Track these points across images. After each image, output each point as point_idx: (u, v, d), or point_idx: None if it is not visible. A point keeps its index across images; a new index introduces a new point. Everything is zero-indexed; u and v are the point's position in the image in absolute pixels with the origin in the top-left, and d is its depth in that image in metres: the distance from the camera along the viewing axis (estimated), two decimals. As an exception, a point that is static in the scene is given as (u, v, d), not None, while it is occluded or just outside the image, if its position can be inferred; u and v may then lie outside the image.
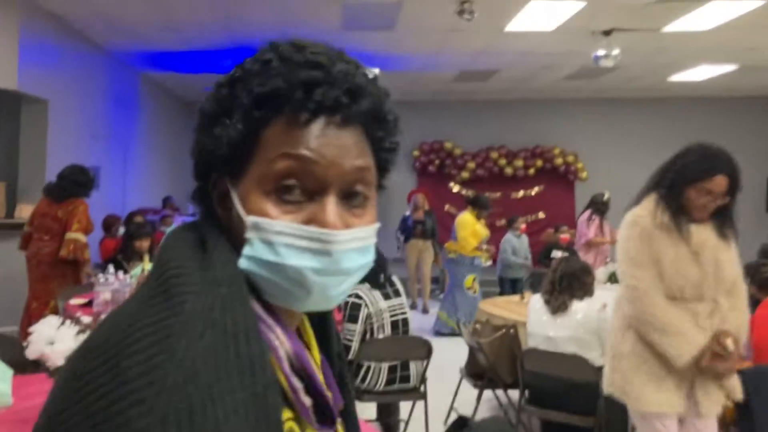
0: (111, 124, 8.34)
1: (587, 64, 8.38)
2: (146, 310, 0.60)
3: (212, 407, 0.55)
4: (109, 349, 0.57)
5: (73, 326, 1.97)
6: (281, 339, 0.68)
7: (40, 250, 5.17)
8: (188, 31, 7.33)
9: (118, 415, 0.53)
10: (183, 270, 0.63)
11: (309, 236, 0.66)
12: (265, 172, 0.67)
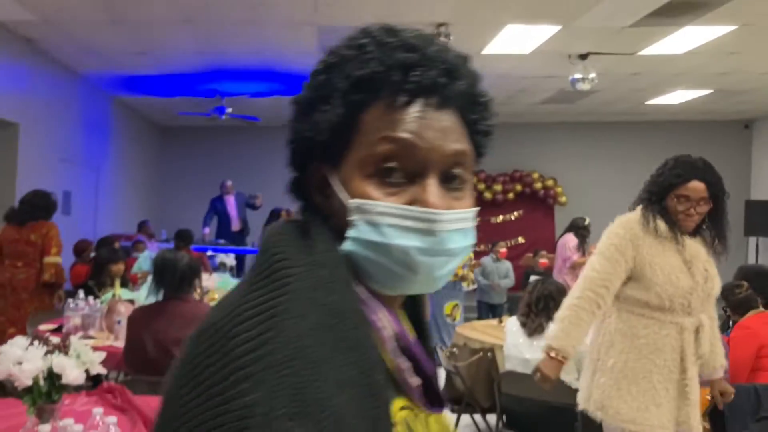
0: (82, 149, 8.22)
1: (564, 87, 8.44)
2: (251, 293, 0.62)
3: (319, 383, 0.56)
4: (217, 331, 0.60)
5: (41, 347, 1.93)
6: (385, 320, 0.68)
7: (14, 277, 5.05)
8: (162, 54, 7.27)
9: (228, 390, 0.55)
10: (286, 255, 0.65)
11: (414, 216, 0.67)
12: (365, 156, 0.68)
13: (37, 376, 1.96)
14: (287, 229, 0.70)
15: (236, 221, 9.84)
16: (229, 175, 10.42)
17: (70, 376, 1.98)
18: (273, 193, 10.63)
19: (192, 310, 3.08)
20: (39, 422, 1.94)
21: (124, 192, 9.97)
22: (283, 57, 7.33)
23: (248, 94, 8.95)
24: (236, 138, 11.64)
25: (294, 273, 0.62)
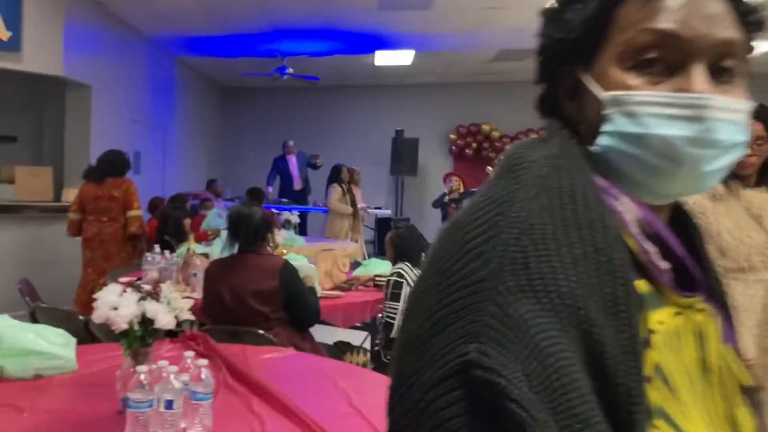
0: (150, 109, 8.45)
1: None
2: (489, 189, 0.64)
3: (547, 257, 0.56)
4: (454, 224, 0.63)
5: (134, 293, 2.05)
6: (628, 205, 0.65)
7: (102, 231, 5.41)
8: (225, 15, 7.36)
9: (462, 269, 0.58)
10: (521, 154, 0.65)
11: (678, 102, 0.62)
12: (623, 50, 0.65)
13: (131, 321, 2.10)
14: (529, 139, 0.70)
15: (298, 180, 10.00)
16: (289, 134, 10.57)
17: (162, 321, 2.10)
18: (333, 152, 10.75)
19: (266, 262, 3.20)
20: (135, 364, 2.07)
21: (190, 151, 10.24)
22: (343, 15, 7.32)
23: (309, 54, 9.00)
24: (297, 98, 11.76)
25: (527, 165, 0.63)
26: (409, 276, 3.78)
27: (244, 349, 2.71)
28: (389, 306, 3.77)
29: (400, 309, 3.74)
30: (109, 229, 5.41)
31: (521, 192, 0.61)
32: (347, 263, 4.54)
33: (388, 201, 11.50)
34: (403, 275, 3.77)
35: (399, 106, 11.77)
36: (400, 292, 3.75)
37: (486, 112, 11.67)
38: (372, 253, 10.19)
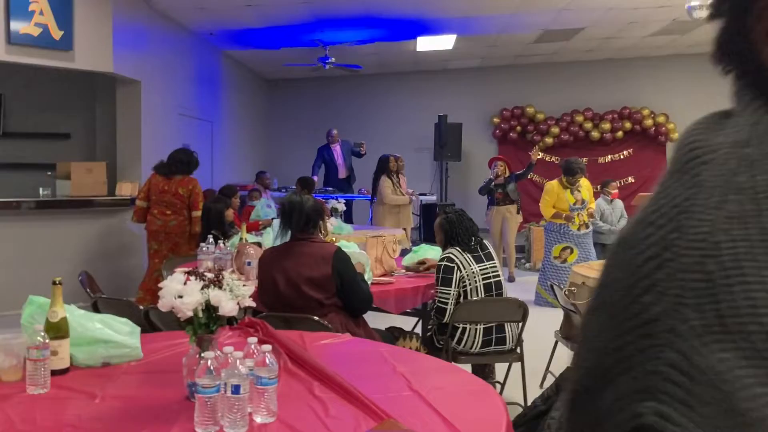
0: (197, 103, 8.58)
1: (678, 17, 7.97)
2: (660, 192, 0.52)
3: (743, 286, 0.44)
4: (625, 240, 0.52)
5: (198, 281, 2.10)
6: None
7: (167, 224, 5.81)
8: (267, 6, 7.42)
9: (631, 304, 0.48)
10: (699, 142, 0.52)
11: None
12: None
13: (196, 308, 2.15)
14: (707, 116, 0.56)
15: (342, 169, 10.06)
16: (333, 123, 10.62)
17: (225, 308, 2.14)
18: (376, 140, 10.77)
19: (319, 250, 3.23)
20: (200, 350, 2.12)
21: (236, 143, 10.38)
22: (384, 2, 7.30)
23: (350, 42, 9.01)
24: (339, 87, 11.80)
25: (708, 159, 0.50)
26: (459, 260, 3.77)
27: (302, 335, 2.75)
28: (441, 291, 3.77)
29: (452, 294, 3.73)
30: (174, 222, 5.80)
31: (701, 197, 0.48)
32: (397, 249, 4.56)
33: (433, 187, 11.46)
34: (454, 260, 3.77)
35: (441, 92, 11.71)
36: (451, 277, 3.74)
37: (529, 94, 11.53)
38: (418, 240, 10.19)
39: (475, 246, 3.86)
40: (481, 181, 9.09)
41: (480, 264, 3.80)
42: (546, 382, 4.40)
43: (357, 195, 9.77)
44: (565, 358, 4.38)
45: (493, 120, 11.67)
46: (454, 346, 3.74)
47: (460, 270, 3.74)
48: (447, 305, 3.73)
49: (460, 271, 3.74)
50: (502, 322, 3.76)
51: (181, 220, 5.83)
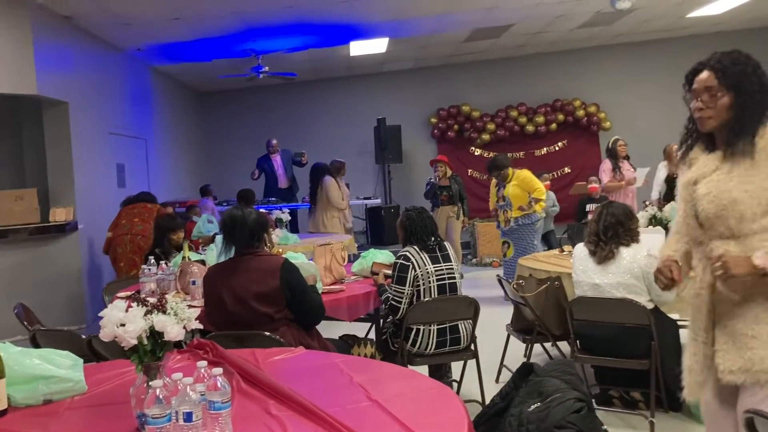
0: (129, 121, 8.36)
1: (602, 9, 8.19)
2: None
3: None
4: None
5: (141, 307, 2.02)
6: None
7: (134, 227, 6.11)
8: (195, 19, 7.28)
9: None
10: None
11: None
12: None
13: (140, 336, 2.07)
14: None
15: (283, 179, 9.96)
16: (271, 133, 10.51)
17: (171, 333, 2.07)
18: (317, 146, 10.72)
19: (266, 263, 3.17)
20: (148, 379, 2.04)
21: (173, 160, 10.16)
22: (315, 8, 7.26)
23: (283, 50, 8.93)
24: (275, 96, 11.69)
25: None
26: (415, 259, 3.77)
27: (254, 352, 2.68)
28: (395, 289, 3.76)
29: (405, 292, 3.72)
30: (141, 227, 6.08)
31: None
32: (345, 256, 4.52)
33: (377, 190, 11.48)
34: (410, 258, 3.77)
35: (378, 95, 11.74)
36: (406, 276, 3.74)
37: (464, 92, 11.66)
38: (366, 244, 10.18)
39: (434, 246, 3.88)
40: (424, 180, 9.16)
41: (436, 264, 3.81)
42: (501, 376, 4.44)
43: (301, 204, 9.69)
44: (518, 350, 4.42)
45: (430, 120, 11.76)
46: (409, 348, 3.73)
47: (415, 269, 3.74)
48: (401, 303, 3.73)
49: (415, 270, 3.74)
50: (455, 320, 3.76)
51: (147, 228, 5.94)
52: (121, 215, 6.25)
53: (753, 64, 2.11)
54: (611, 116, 11.40)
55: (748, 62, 2.11)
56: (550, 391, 2.53)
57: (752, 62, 2.11)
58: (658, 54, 11.15)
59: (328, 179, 8.29)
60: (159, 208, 6.33)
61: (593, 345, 3.65)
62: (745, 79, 2.07)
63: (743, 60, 2.11)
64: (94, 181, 7.05)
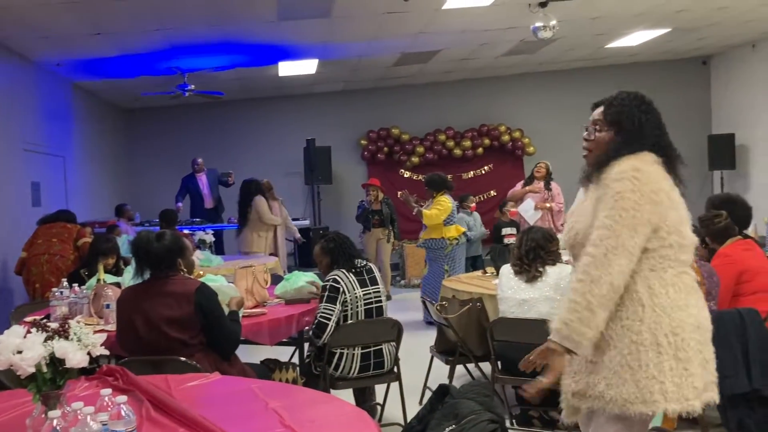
0: (46, 137, 8.05)
1: (526, 37, 8.44)
2: None
3: None
4: None
5: (40, 333, 1.92)
6: None
7: (51, 247, 5.86)
8: (117, 35, 7.10)
9: None
10: None
11: None
12: None
13: (39, 363, 1.96)
14: None
15: (209, 199, 9.77)
16: (198, 152, 10.31)
17: (73, 360, 1.98)
18: (245, 167, 10.55)
19: (180, 287, 3.07)
20: (46, 409, 1.94)
21: (93, 178, 9.81)
22: (243, 28, 7.20)
23: (210, 69, 8.80)
24: (202, 114, 11.49)
25: None
26: (345, 283, 3.74)
27: (166, 378, 2.59)
28: (325, 307, 3.70)
29: (335, 310, 3.68)
30: (58, 247, 5.84)
31: None
32: (268, 278, 4.45)
33: (306, 211, 11.40)
34: (339, 281, 3.74)
35: (308, 116, 11.70)
36: (337, 296, 3.70)
37: (394, 115, 11.77)
38: (293, 266, 10.07)
39: (361, 269, 3.85)
40: (354, 202, 9.17)
41: (364, 288, 3.79)
42: (425, 398, 4.44)
43: (226, 225, 9.51)
44: (442, 372, 4.44)
45: (360, 142, 11.80)
46: (332, 372, 3.69)
47: (345, 293, 3.71)
48: (329, 321, 3.67)
49: (344, 295, 3.71)
50: (378, 342, 3.75)
51: (66, 248, 5.77)
52: (38, 234, 5.95)
53: (640, 106, 2.20)
54: (535, 141, 11.73)
55: (634, 103, 2.20)
56: (465, 414, 2.54)
57: (641, 105, 2.21)
58: (578, 82, 11.56)
59: (258, 198, 8.16)
60: (79, 229, 6.06)
61: (513, 365, 3.69)
62: (624, 118, 2.18)
63: (630, 100, 2.21)
64: (6, 200, 6.74)
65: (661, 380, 2.04)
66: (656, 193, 2.08)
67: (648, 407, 2.05)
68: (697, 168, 11.10)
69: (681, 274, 2.11)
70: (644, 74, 11.33)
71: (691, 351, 2.06)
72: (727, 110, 11.33)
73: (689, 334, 2.07)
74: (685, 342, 2.05)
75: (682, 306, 2.08)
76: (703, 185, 11.11)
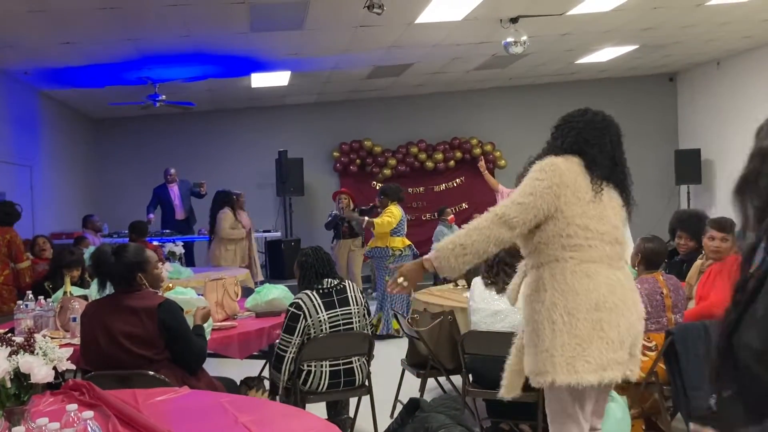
0: (13, 147, 7.91)
1: (497, 52, 8.55)
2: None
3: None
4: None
5: (5, 347, 1.88)
6: None
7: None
8: (87, 44, 7.02)
9: None
10: None
11: None
12: None
13: (3, 378, 1.92)
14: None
15: (180, 210, 9.66)
16: (169, 163, 10.20)
17: (38, 375, 1.95)
18: (216, 177, 10.47)
19: (142, 302, 3.01)
20: (10, 425, 1.90)
21: (61, 188, 9.65)
22: (214, 38, 7.18)
23: (181, 79, 8.74)
24: (173, 125, 11.39)
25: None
26: (307, 307, 3.61)
27: (134, 393, 2.55)
28: (283, 337, 3.61)
29: (293, 342, 3.58)
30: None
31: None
32: (239, 291, 4.41)
33: (277, 223, 11.34)
34: (301, 306, 3.61)
35: (280, 127, 11.68)
36: (296, 325, 3.58)
37: (366, 128, 11.80)
38: (265, 277, 10.00)
39: (330, 290, 3.70)
40: (325, 214, 9.13)
41: (330, 311, 3.64)
42: (396, 412, 4.43)
43: (197, 236, 9.42)
44: (413, 385, 4.44)
45: (333, 154, 11.80)
46: (300, 386, 3.65)
47: (307, 318, 3.60)
48: (286, 353, 3.59)
49: (306, 320, 3.60)
50: (348, 356, 3.72)
51: (1, 269, 5.49)
52: None
53: (573, 118, 2.66)
54: (506, 155, 11.84)
55: (570, 117, 2.68)
56: (435, 427, 2.55)
57: (574, 117, 2.67)
58: (549, 96, 11.71)
59: (222, 212, 8.09)
60: (9, 240, 5.63)
61: (484, 378, 3.71)
62: (558, 129, 2.67)
63: (569, 116, 2.69)
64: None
65: (552, 354, 2.39)
66: (559, 186, 2.44)
67: (542, 378, 2.42)
68: (665, 182, 11.32)
69: (583, 263, 2.43)
70: (613, 89, 11.54)
71: (586, 330, 2.37)
72: (693, 125, 11.57)
73: (584, 314, 2.38)
74: (580, 322, 2.37)
75: (579, 291, 2.39)
76: (670, 199, 11.31)
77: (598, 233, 2.45)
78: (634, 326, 2.48)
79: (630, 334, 2.45)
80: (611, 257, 2.48)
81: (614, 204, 2.55)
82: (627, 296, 2.48)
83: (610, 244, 2.48)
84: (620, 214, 2.57)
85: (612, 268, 2.48)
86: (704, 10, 7.39)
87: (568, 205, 2.44)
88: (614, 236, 2.50)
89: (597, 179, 2.51)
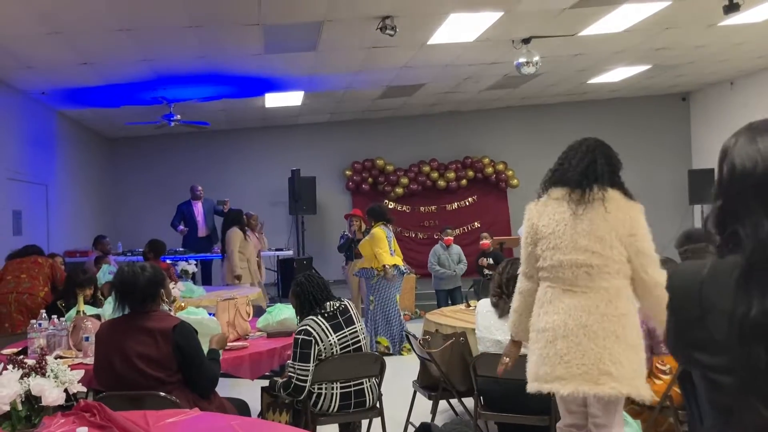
0: (29, 166, 8.00)
1: (509, 72, 8.57)
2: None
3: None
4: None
5: (17, 370, 1.89)
6: None
7: (20, 285, 5.64)
8: (104, 64, 7.12)
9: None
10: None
11: None
12: None
13: (14, 401, 1.93)
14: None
15: (203, 227, 9.71)
16: (183, 181, 10.30)
17: (49, 398, 1.95)
18: (230, 196, 10.53)
19: (158, 324, 3.01)
20: (21, 447, 1.90)
21: (76, 207, 9.74)
22: (229, 59, 7.25)
23: (196, 99, 8.83)
24: (187, 144, 11.49)
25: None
26: (317, 333, 3.56)
27: (145, 414, 2.55)
28: (299, 368, 3.50)
29: (310, 370, 3.50)
30: (27, 284, 5.61)
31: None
32: (251, 311, 4.41)
33: (290, 241, 11.37)
34: (311, 332, 3.55)
35: (293, 146, 11.75)
36: (309, 352, 3.51)
37: (378, 147, 11.84)
38: (276, 296, 10.01)
39: (334, 312, 3.66)
40: (338, 233, 9.15)
41: (339, 333, 3.61)
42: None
43: (210, 255, 9.45)
44: (425, 407, 4.40)
45: (345, 173, 11.85)
46: (311, 408, 3.62)
47: (318, 343, 3.55)
48: (305, 383, 3.50)
49: (318, 345, 3.55)
50: (359, 377, 3.69)
51: (35, 285, 5.53)
52: (7, 270, 5.76)
53: (567, 153, 2.87)
54: (518, 174, 11.83)
55: (566, 150, 2.89)
56: (447, 453, 2.52)
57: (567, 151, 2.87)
58: (561, 116, 11.73)
59: (230, 230, 8.11)
60: (51, 263, 5.86)
61: (496, 401, 3.68)
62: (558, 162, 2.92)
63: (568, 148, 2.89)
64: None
65: (528, 363, 2.88)
66: (529, 227, 2.85)
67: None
68: (678, 202, 11.25)
69: (547, 288, 2.81)
70: (625, 109, 11.53)
71: (534, 346, 2.83)
72: (707, 145, 11.51)
73: (534, 334, 2.84)
74: (532, 340, 2.86)
75: (536, 313, 2.83)
76: (684, 218, 11.23)
77: (555, 262, 2.78)
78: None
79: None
80: (567, 281, 2.78)
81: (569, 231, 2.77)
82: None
83: (556, 271, 2.79)
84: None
85: (556, 290, 2.80)
86: (717, 30, 7.38)
87: (540, 240, 2.85)
88: (558, 262, 2.77)
89: (578, 201, 2.75)
